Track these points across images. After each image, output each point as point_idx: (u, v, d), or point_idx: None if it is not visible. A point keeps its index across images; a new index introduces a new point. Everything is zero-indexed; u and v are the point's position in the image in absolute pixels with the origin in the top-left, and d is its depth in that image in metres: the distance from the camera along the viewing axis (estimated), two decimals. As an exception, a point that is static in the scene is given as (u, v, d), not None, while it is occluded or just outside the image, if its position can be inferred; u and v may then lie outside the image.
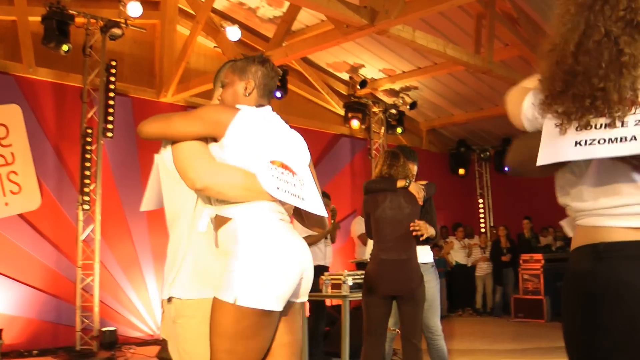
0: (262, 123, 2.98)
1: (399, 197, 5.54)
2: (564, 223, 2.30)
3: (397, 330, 6.01)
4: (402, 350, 5.55)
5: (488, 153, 17.58)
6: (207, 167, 2.85)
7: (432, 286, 5.89)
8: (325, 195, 8.92)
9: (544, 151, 1.98)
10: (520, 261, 13.89)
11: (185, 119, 2.97)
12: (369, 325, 5.52)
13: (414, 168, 5.93)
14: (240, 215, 2.85)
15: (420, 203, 5.56)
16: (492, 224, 17.57)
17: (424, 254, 5.95)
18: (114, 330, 10.15)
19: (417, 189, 5.56)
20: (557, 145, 1.96)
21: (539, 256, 13.64)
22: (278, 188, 2.80)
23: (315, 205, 2.99)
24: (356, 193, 14.10)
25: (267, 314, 2.75)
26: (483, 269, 15.28)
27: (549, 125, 2.02)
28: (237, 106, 3.01)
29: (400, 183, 5.55)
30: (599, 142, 1.89)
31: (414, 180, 5.76)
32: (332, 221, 8.89)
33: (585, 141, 1.91)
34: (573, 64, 1.97)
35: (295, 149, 3.10)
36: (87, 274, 10.14)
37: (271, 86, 3.20)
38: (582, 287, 2.07)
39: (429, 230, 5.44)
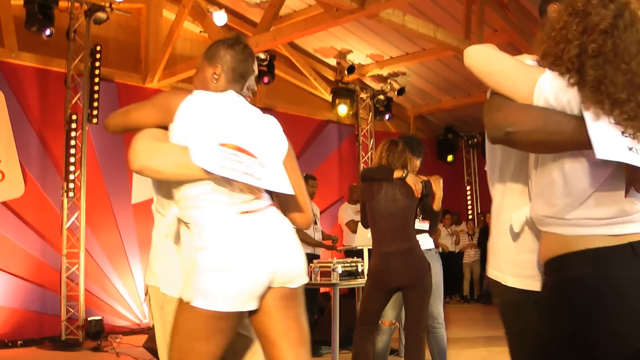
0: (215, 107, 2.84)
1: (395, 188, 5.44)
2: (515, 216, 2.41)
3: (397, 324, 6.03)
4: (405, 343, 5.53)
5: (475, 139, 17.54)
6: (146, 148, 2.76)
7: (437, 272, 5.83)
8: (310, 177, 8.91)
9: (603, 145, 1.95)
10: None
11: (141, 108, 2.94)
12: (365, 315, 5.51)
13: (417, 161, 5.84)
14: (197, 216, 2.76)
15: (418, 195, 5.45)
16: (479, 211, 17.51)
17: (425, 241, 5.89)
18: (100, 320, 10.00)
19: (415, 181, 5.45)
20: (613, 144, 1.97)
21: (526, 243, 13.51)
22: (223, 166, 2.62)
23: (275, 184, 2.79)
24: (343, 180, 14.05)
25: (222, 316, 2.67)
26: (471, 255, 15.29)
27: (603, 122, 2.01)
28: (195, 92, 2.89)
29: (397, 174, 5.45)
30: None
31: (415, 173, 5.66)
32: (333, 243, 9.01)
33: (637, 149, 1.98)
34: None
35: (261, 135, 2.90)
36: (72, 262, 10.00)
37: (243, 70, 3.06)
38: (584, 291, 2.09)
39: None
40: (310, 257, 7.95)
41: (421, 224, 5.92)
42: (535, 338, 2.24)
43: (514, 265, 2.50)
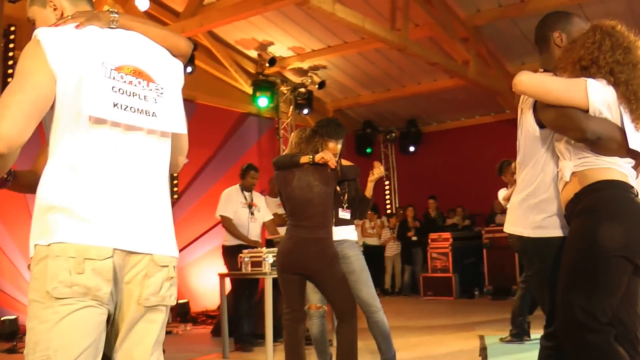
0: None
1: (308, 175, 5.33)
2: (563, 165, 3.23)
3: (324, 307, 5.97)
4: (336, 330, 5.44)
5: (393, 134, 17.67)
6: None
7: (359, 259, 5.87)
8: (252, 168, 9.01)
9: (632, 140, 3.08)
10: (429, 240, 13.96)
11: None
12: (287, 301, 5.46)
13: (333, 144, 5.59)
14: None
15: (332, 166, 5.30)
16: (397, 205, 17.61)
17: (348, 232, 5.94)
18: (15, 319, 9.47)
19: (323, 155, 5.28)
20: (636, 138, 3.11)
21: (447, 235, 13.79)
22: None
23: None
24: (264, 173, 13.71)
25: None
26: (392, 249, 15.33)
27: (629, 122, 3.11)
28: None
29: (304, 159, 5.33)
30: None
31: (334, 155, 5.48)
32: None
33: None
34: None
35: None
36: (-16, 258, 9.50)
37: None
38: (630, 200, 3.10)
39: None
40: (247, 248, 7.79)
41: (344, 213, 5.92)
42: (574, 257, 3.10)
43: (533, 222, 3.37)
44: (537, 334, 6.77)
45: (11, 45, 9.86)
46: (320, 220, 5.30)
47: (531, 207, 3.36)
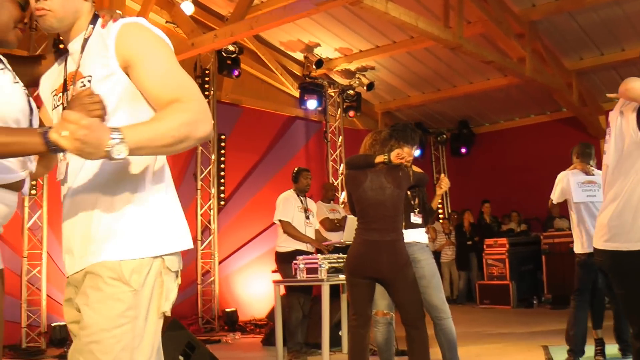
0: None
1: (380, 176, 5.30)
2: None
3: (392, 314, 5.81)
4: (406, 339, 5.28)
5: (444, 136, 17.27)
6: None
7: (429, 263, 5.71)
8: (304, 169, 8.84)
9: None
10: (484, 246, 13.55)
11: None
12: (354, 307, 5.36)
13: (408, 149, 5.44)
14: None
15: (408, 163, 5.32)
16: (449, 209, 17.21)
17: (420, 234, 5.82)
18: (64, 326, 9.32)
19: (400, 153, 5.23)
20: None
21: (503, 240, 13.35)
22: None
23: None
24: (312, 178, 13.61)
25: None
26: (448, 255, 14.99)
27: None
28: None
29: (379, 158, 5.29)
30: None
31: (410, 165, 5.45)
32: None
33: None
34: None
35: None
36: (33, 264, 9.46)
37: None
38: None
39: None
40: (301, 254, 7.69)
41: (416, 218, 5.83)
42: None
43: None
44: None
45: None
46: (391, 222, 5.24)
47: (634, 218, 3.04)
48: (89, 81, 2.27)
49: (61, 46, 9.35)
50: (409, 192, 5.62)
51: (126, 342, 2.17)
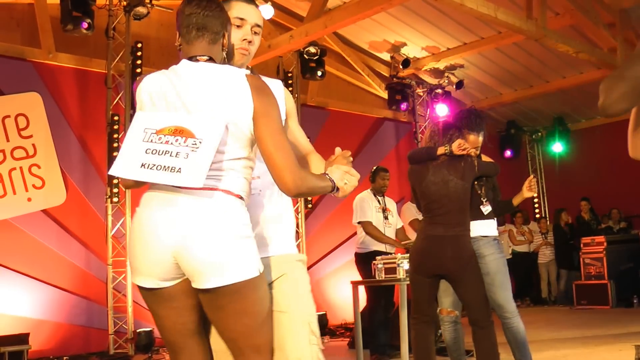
0: (159, 87, 2.58)
1: (442, 169, 5.12)
2: None
3: (457, 312, 5.59)
4: (472, 338, 5.11)
5: (540, 134, 16.75)
6: None
7: (495, 259, 5.35)
8: (382, 169, 8.75)
9: None
10: (581, 244, 13.01)
11: None
12: (417, 305, 5.30)
13: (474, 136, 5.25)
14: None
15: (473, 154, 5.13)
16: (547, 209, 16.65)
17: (487, 227, 5.44)
18: (150, 331, 9.44)
19: (461, 143, 5.02)
20: None
21: (601, 238, 12.76)
22: (143, 165, 2.41)
23: (191, 177, 2.37)
24: (403, 179, 13.26)
25: (146, 291, 2.58)
26: (546, 255, 14.48)
27: None
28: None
29: (440, 150, 5.10)
30: None
31: (476, 150, 5.25)
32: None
33: None
34: None
35: (211, 102, 2.52)
36: (118, 272, 9.58)
37: (191, 23, 2.61)
38: None
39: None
40: (380, 255, 7.46)
41: (484, 208, 5.49)
42: None
43: None
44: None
45: (138, 62, 9.84)
46: (456, 216, 5.11)
47: None
48: None
49: (138, 53, 9.58)
50: (475, 183, 5.35)
51: None
